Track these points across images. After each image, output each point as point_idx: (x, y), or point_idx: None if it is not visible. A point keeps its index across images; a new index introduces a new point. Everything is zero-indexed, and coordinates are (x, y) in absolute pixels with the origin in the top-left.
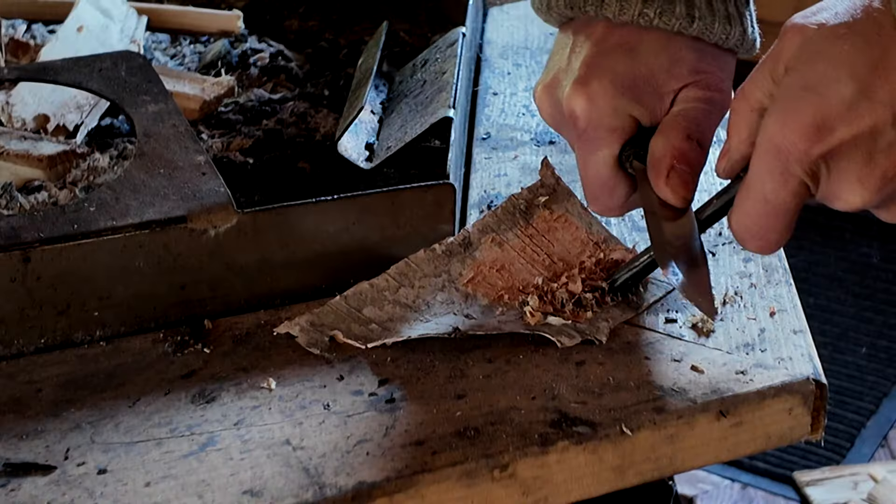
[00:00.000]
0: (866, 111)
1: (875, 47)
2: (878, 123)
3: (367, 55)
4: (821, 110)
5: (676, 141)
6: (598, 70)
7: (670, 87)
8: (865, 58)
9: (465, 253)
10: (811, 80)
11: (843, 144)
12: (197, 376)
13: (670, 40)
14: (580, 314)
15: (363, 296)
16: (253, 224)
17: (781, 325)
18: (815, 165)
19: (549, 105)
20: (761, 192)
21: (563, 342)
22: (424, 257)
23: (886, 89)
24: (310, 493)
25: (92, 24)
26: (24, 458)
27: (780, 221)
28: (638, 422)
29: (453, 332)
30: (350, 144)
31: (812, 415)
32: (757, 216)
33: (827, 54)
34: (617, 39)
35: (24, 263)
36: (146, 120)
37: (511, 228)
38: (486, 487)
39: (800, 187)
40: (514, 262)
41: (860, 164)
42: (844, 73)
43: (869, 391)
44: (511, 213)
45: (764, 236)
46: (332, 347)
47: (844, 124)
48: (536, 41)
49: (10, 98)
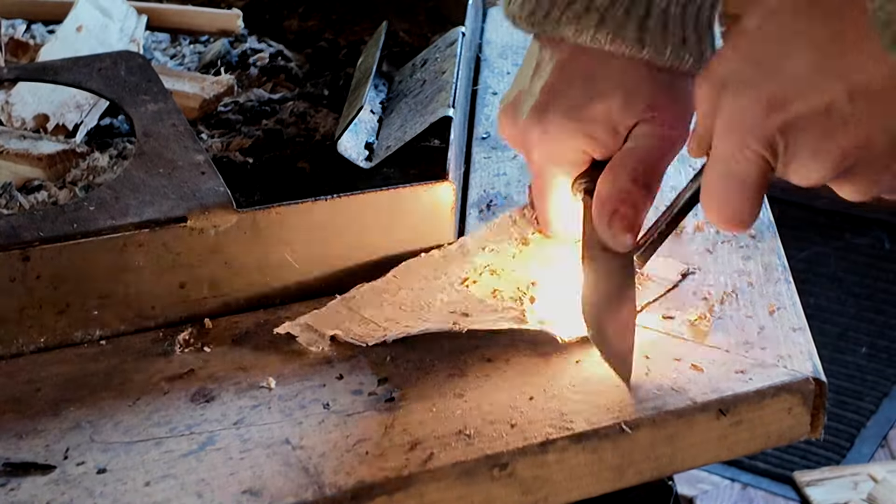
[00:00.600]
0: (821, 85)
1: (834, 22)
2: (833, 98)
3: (367, 55)
4: (776, 85)
5: (623, 183)
6: (556, 99)
7: (624, 123)
8: (823, 32)
9: (463, 259)
10: (767, 55)
11: (798, 119)
12: (196, 376)
13: (629, 68)
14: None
15: (363, 297)
16: (252, 223)
17: (781, 322)
18: (773, 140)
19: (509, 126)
20: (723, 167)
21: (563, 339)
22: (423, 261)
23: (841, 64)
24: (309, 493)
25: (91, 24)
26: (24, 457)
27: (743, 195)
28: (637, 421)
29: (452, 326)
30: (350, 144)
31: (812, 413)
32: (721, 190)
33: (784, 29)
34: (579, 65)
35: (24, 262)
36: (146, 119)
37: (506, 240)
38: (485, 487)
39: (759, 161)
40: (510, 266)
41: (816, 139)
42: (800, 48)
43: (869, 391)
44: (505, 227)
45: (729, 211)
46: (331, 346)
47: (799, 98)
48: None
49: (10, 97)
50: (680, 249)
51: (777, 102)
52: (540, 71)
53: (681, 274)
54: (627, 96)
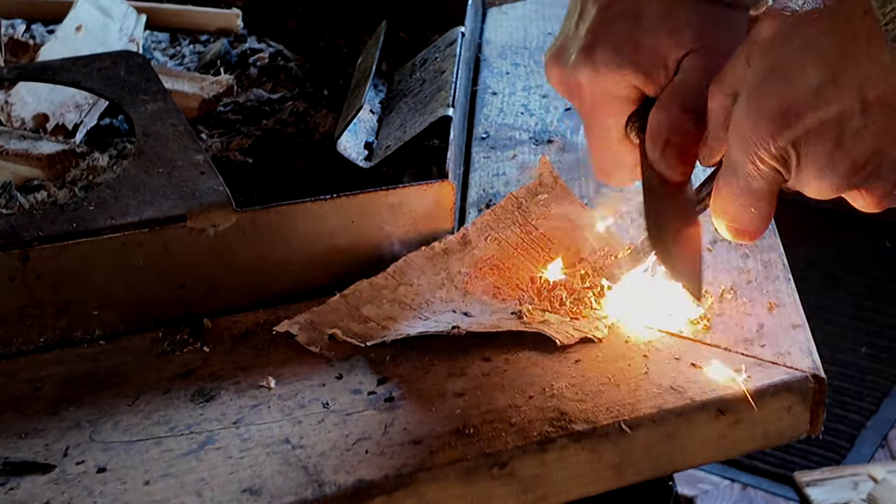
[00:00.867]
0: (833, 97)
1: (845, 33)
2: (845, 110)
3: (367, 55)
4: (787, 96)
5: (674, 113)
6: (603, 38)
7: (673, 56)
8: (834, 44)
9: (463, 251)
10: (779, 66)
11: (810, 131)
12: (196, 375)
13: (674, 4)
14: (579, 312)
15: (362, 294)
16: (252, 223)
17: (780, 319)
18: (785, 151)
19: (558, 73)
20: (735, 177)
21: (561, 340)
22: (423, 255)
23: (854, 75)
24: (309, 492)
25: (91, 24)
26: (24, 456)
27: (755, 206)
28: (637, 420)
29: (452, 330)
30: (349, 143)
31: (811, 410)
32: (733, 201)
33: (797, 39)
34: (623, 4)
35: (24, 262)
36: (145, 119)
37: (510, 227)
38: (485, 486)
39: (771, 172)
40: (512, 260)
41: (829, 151)
42: (812, 59)
43: (869, 391)
44: (510, 211)
45: (741, 221)
46: (331, 346)
47: (811, 110)
48: (535, 41)
49: (10, 97)
50: None
51: (790, 114)
52: (584, 15)
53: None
54: (674, 28)
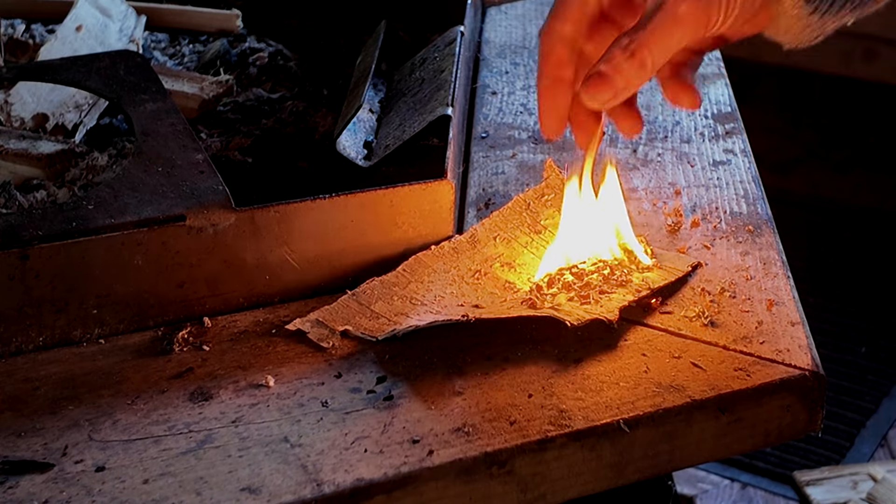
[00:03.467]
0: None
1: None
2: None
3: (366, 54)
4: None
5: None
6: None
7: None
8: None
9: (473, 250)
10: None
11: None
12: (195, 374)
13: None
14: (588, 295)
15: (373, 291)
16: (251, 222)
17: (779, 317)
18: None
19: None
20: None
21: (572, 322)
22: (433, 254)
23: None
24: (308, 490)
25: (91, 24)
26: (22, 455)
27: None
28: (636, 419)
29: (463, 317)
30: (348, 143)
31: (810, 408)
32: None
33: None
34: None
35: (23, 261)
36: (145, 119)
37: (519, 227)
38: (484, 484)
39: None
40: (522, 257)
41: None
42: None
43: (869, 391)
44: (518, 212)
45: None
46: (330, 345)
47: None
48: (534, 41)
49: (9, 97)
50: (678, 244)
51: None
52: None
53: (690, 266)
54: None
